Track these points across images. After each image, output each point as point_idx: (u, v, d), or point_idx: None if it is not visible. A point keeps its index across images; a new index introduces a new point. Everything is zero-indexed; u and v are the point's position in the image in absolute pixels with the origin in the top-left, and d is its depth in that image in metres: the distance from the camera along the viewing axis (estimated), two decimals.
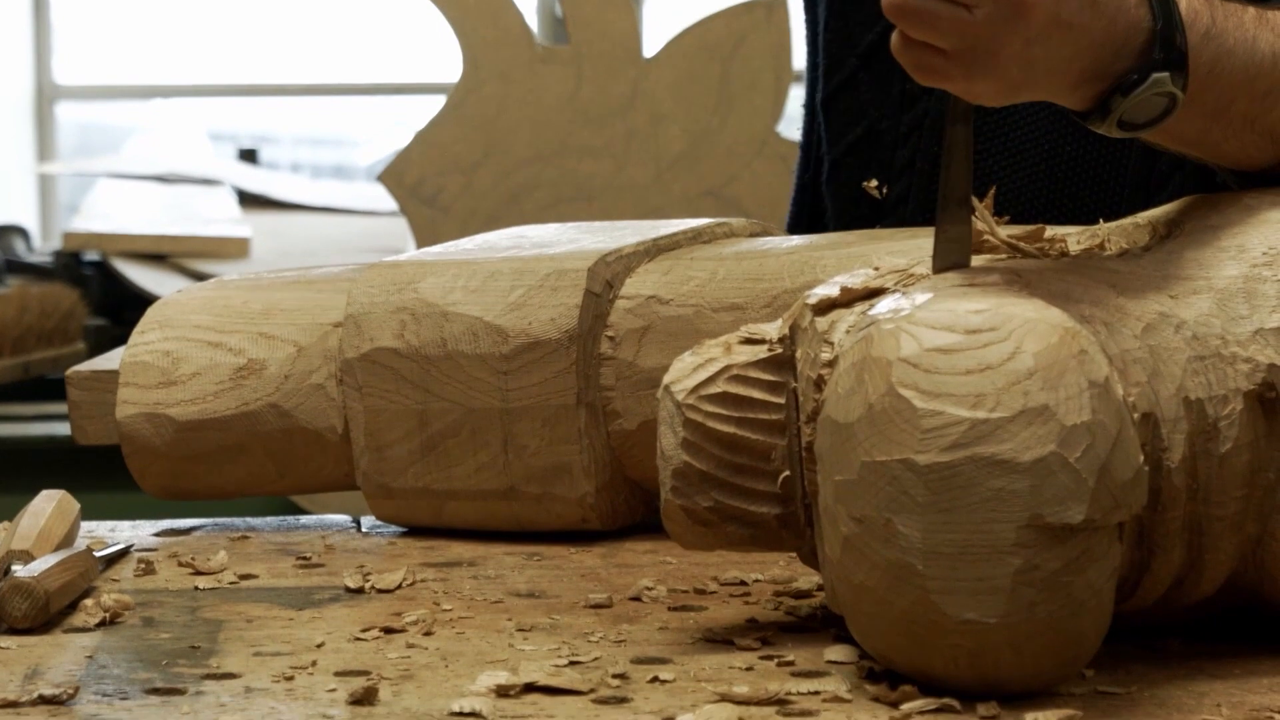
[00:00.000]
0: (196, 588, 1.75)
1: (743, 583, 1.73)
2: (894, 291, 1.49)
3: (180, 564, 1.82)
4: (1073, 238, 1.63)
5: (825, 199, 2.28)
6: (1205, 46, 1.64)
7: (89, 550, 1.75)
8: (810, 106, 2.31)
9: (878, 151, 2.20)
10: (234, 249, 4.08)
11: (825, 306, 1.53)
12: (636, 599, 1.69)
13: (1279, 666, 1.47)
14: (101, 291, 4.04)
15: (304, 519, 2.05)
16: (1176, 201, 1.68)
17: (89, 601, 1.66)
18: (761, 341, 1.57)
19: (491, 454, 1.88)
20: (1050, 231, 1.63)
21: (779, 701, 1.41)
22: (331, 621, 1.64)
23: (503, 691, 1.43)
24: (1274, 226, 1.56)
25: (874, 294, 1.51)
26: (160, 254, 4.05)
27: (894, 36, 1.58)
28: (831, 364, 1.47)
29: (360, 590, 1.73)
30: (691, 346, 1.60)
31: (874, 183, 2.18)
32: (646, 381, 1.84)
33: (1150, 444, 1.44)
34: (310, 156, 7.01)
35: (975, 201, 1.61)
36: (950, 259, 1.58)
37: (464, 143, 3.45)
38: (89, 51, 6.97)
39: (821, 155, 2.29)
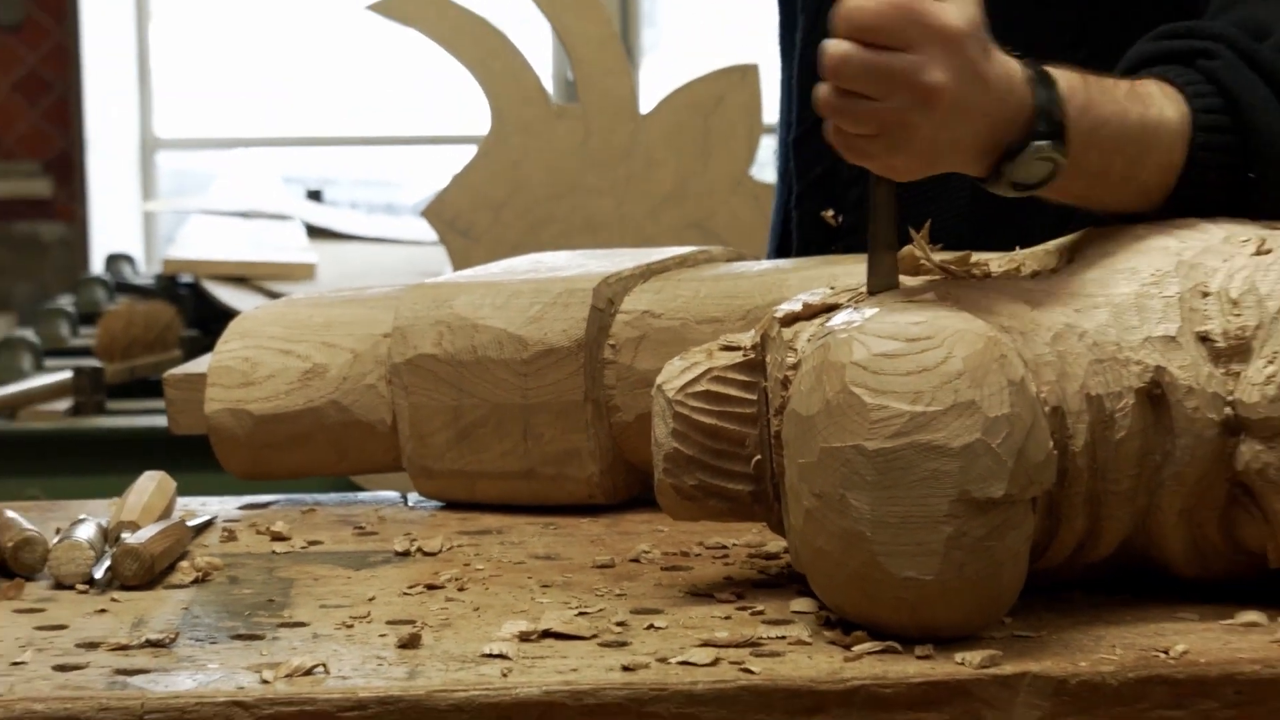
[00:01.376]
0: (272, 552, 1.74)
1: (723, 547, 1.71)
2: (847, 307, 1.48)
3: (258, 532, 1.80)
4: (994, 262, 1.62)
5: (791, 223, 2.27)
6: (1082, 119, 1.62)
7: (183, 521, 1.74)
8: (784, 147, 2.29)
9: (834, 188, 2.18)
10: (302, 273, 4.08)
11: (790, 319, 1.51)
12: (635, 560, 1.67)
13: (1163, 614, 1.46)
14: (194, 308, 4.04)
15: (360, 495, 2.04)
16: (1080, 232, 1.66)
17: (184, 563, 1.65)
18: (738, 348, 1.56)
19: (514, 441, 1.87)
20: (975, 257, 1.62)
21: (752, 644, 1.39)
22: (383, 579, 1.62)
23: (524, 637, 1.41)
24: (1159, 253, 1.54)
25: (830, 309, 1.50)
26: (241, 276, 4.06)
27: (826, 126, 1.57)
28: (795, 367, 1.46)
29: (407, 554, 1.71)
30: (679, 353, 1.59)
31: (831, 213, 2.17)
32: (642, 381, 1.83)
33: (1058, 432, 1.43)
34: (365, 196, 7.01)
35: (913, 232, 1.60)
36: (883, 283, 1.56)
37: (492, 184, 3.45)
38: (183, 108, 6.96)
39: (790, 185, 2.27)
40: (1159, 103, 1.69)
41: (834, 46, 1.53)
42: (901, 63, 1.51)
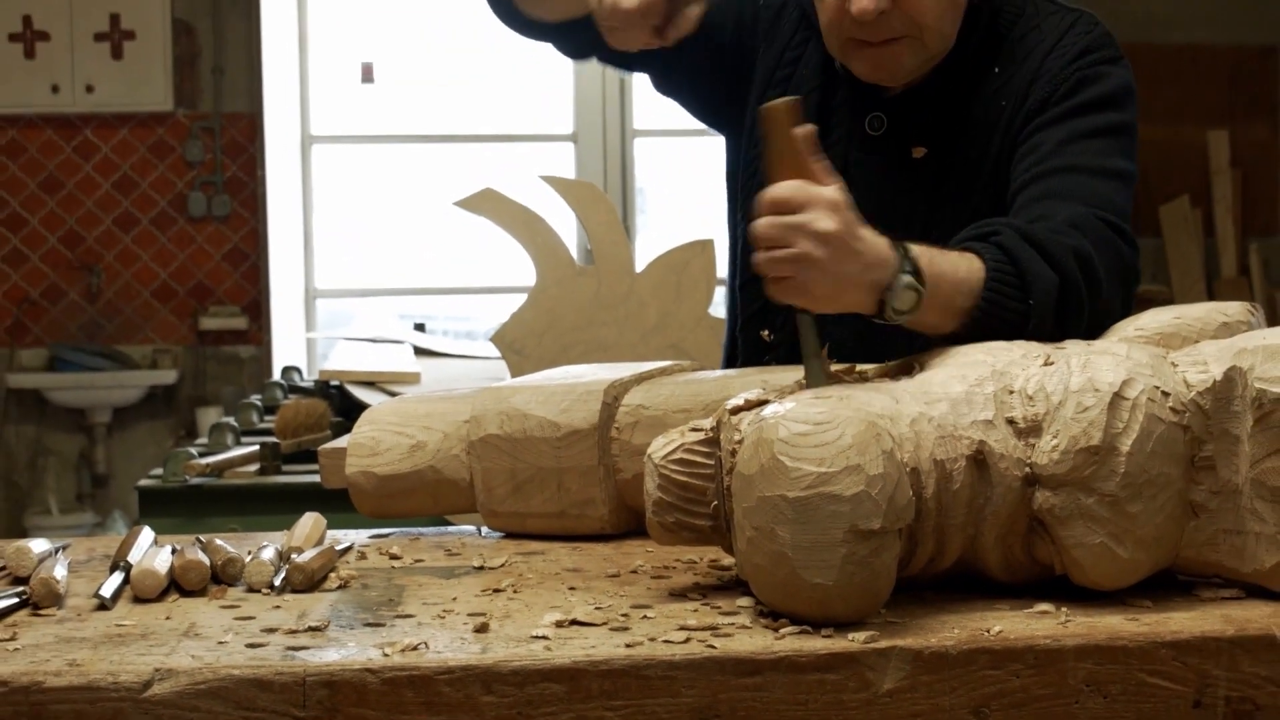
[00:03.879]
0: (391, 567, 1.72)
1: (693, 562, 1.70)
2: (774, 402, 1.46)
3: (381, 553, 1.78)
4: (871, 370, 1.61)
5: (738, 343, 2.26)
6: (931, 266, 1.67)
7: (332, 546, 1.72)
8: (731, 292, 2.29)
9: (768, 316, 2.18)
10: (410, 379, 4.06)
11: (737, 410, 1.50)
12: (633, 571, 1.66)
13: (985, 606, 1.45)
14: (339, 403, 4.02)
15: (450, 528, 2.01)
16: (926, 351, 1.66)
17: (332, 574, 1.63)
18: (701, 430, 1.54)
19: (551, 492, 1.85)
20: (860, 368, 1.61)
21: (712, 628, 1.38)
22: (464, 585, 1.60)
23: (559, 624, 1.40)
24: (979, 365, 1.54)
25: (763, 403, 1.49)
26: (370, 381, 4.04)
27: (763, 281, 1.62)
28: (740, 442, 1.45)
29: (480, 567, 1.69)
30: (662, 433, 1.58)
31: (766, 333, 2.17)
32: (637, 452, 1.81)
33: (915, 485, 1.42)
34: (453, 326, 7.02)
35: (823, 352, 1.60)
36: (818, 384, 1.58)
37: (537, 319, 3.45)
38: (333, 268, 6.98)
39: (736, 317, 2.27)
40: (969, 260, 1.73)
41: (759, 224, 1.57)
42: (800, 219, 1.57)
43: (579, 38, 2.11)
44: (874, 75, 2.03)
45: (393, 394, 3.85)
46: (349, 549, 1.80)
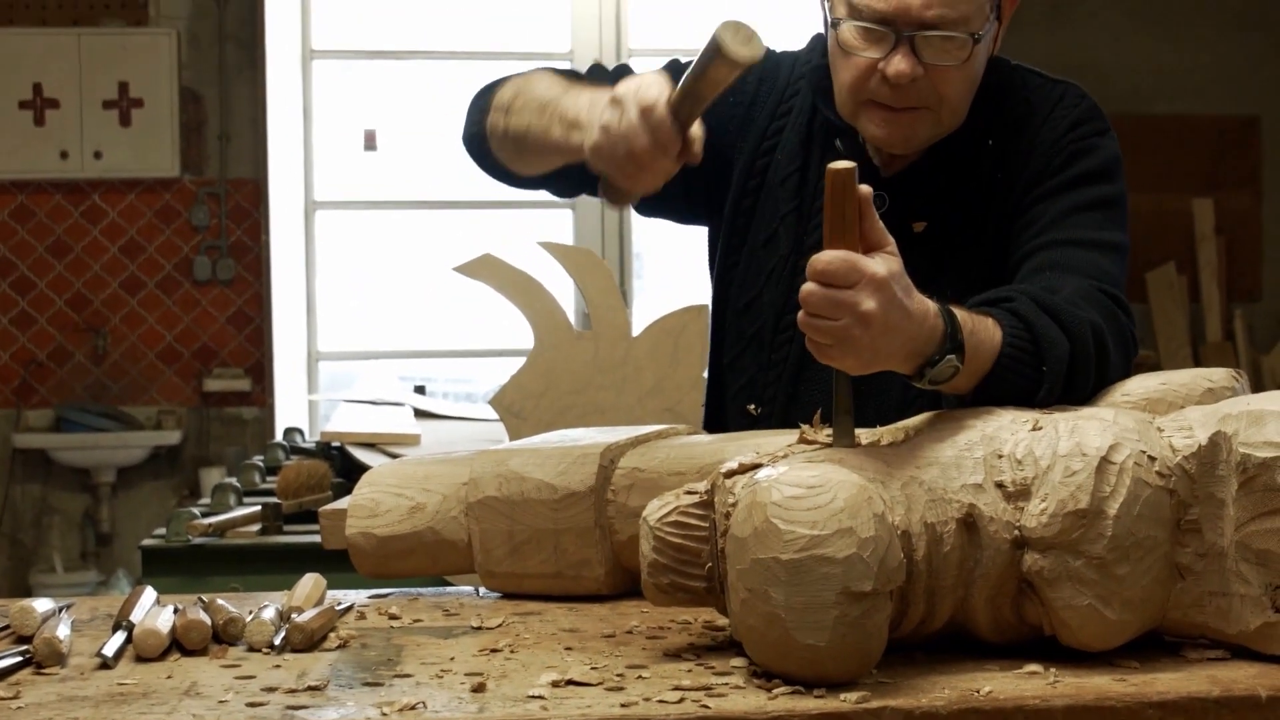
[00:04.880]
0: (390, 626, 1.72)
1: (687, 623, 1.70)
2: (767, 466, 1.47)
3: (380, 613, 1.78)
4: (864, 436, 1.61)
5: (723, 416, 2.26)
6: (970, 339, 1.65)
7: (332, 606, 1.72)
8: (716, 364, 2.28)
9: (754, 390, 2.17)
10: (411, 441, 4.05)
11: (730, 473, 1.50)
12: (629, 632, 1.65)
13: (975, 666, 1.45)
14: (340, 464, 4.01)
15: (448, 588, 2.00)
16: (919, 416, 1.66)
17: (332, 634, 1.63)
18: (696, 493, 1.54)
19: (548, 553, 1.84)
20: (859, 433, 1.61)
21: (706, 688, 1.38)
22: (462, 644, 1.60)
23: (556, 684, 1.40)
24: (970, 430, 1.55)
25: (756, 467, 1.49)
26: (371, 443, 4.03)
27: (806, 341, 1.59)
28: (734, 505, 1.45)
29: (478, 628, 1.69)
30: (657, 496, 1.58)
31: (752, 406, 2.17)
32: (633, 514, 1.81)
33: (906, 547, 1.43)
34: (452, 389, 7.02)
35: (816, 417, 1.61)
36: (844, 441, 1.57)
37: (535, 382, 3.44)
38: (335, 331, 6.98)
39: (722, 391, 2.26)
40: (988, 324, 1.71)
41: (806, 288, 1.55)
42: (845, 296, 1.52)
43: (570, 181, 2.12)
44: (887, 140, 2.04)
45: (393, 455, 3.84)
46: (349, 609, 1.79)
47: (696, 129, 1.80)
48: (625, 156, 1.79)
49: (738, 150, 2.20)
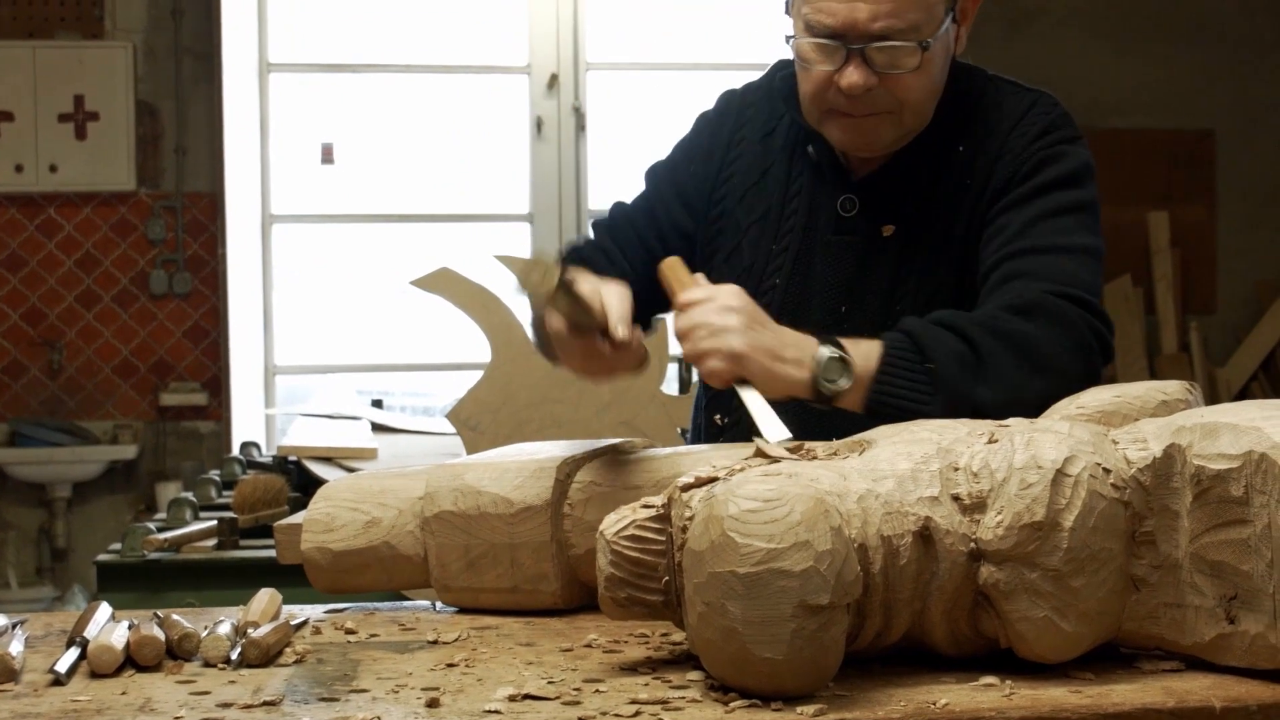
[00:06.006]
0: (346, 641, 1.71)
1: (645, 636, 1.69)
2: (723, 479, 1.46)
3: (336, 628, 1.77)
4: (819, 449, 1.62)
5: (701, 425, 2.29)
6: (853, 346, 1.79)
7: (287, 621, 1.71)
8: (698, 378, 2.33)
9: (721, 400, 2.20)
10: (368, 455, 4.04)
11: (687, 487, 1.50)
12: (586, 646, 1.65)
13: (931, 679, 1.45)
14: (297, 478, 3.99)
15: (404, 604, 1.99)
16: (875, 429, 1.67)
17: (288, 649, 1.62)
18: (653, 506, 1.54)
19: (504, 568, 1.84)
20: (807, 446, 1.62)
21: (663, 702, 1.37)
22: (418, 659, 1.60)
23: (512, 699, 1.39)
24: (925, 443, 1.55)
25: (713, 480, 1.49)
26: (328, 457, 4.02)
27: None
28: (691, 519, 1.45)
29: (434, 642, 1.69)
30: (614, 509, 1.58)
31: (719, 417, 2.19)
32: (590, 528, 1.81)
33: (863, 560, 1.43)
34: (410, 402, 7.00)
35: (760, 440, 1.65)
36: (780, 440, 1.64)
37: (492, 396, 3.44)
38: (292, 345, 6.96)
39: (701, 400, 2.29)
40: (872, 342, 1.83)
41: (676, 325, 1.83)
42: (709, 302, 1.79)
43: (642, 308, 2.12)
44: (851, 145, 2.06)
45: (350, 469, 3.83)
46: (304, 624, 1.78)
47: (634, 334, 1.87)
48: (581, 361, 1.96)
49: (710, 185, 2.23)
